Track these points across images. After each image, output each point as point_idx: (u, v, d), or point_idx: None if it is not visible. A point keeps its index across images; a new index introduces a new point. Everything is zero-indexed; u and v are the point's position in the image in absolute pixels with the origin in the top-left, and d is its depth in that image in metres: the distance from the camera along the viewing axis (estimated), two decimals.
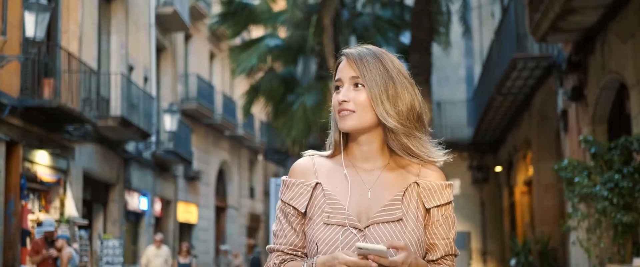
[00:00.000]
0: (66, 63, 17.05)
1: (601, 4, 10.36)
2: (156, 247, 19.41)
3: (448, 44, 20.38)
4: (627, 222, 8.22)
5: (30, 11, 14.13)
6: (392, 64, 2.46)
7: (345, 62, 2.49)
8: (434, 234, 2.50)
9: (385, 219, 2.44)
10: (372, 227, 2.43)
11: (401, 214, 2.45)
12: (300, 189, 2.54)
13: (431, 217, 2.50)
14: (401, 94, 2.43)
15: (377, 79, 2.42)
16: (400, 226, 2.44)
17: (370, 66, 2.43)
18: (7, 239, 14.86)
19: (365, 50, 2.48)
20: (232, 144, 34.43)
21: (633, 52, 9.78)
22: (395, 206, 2.46)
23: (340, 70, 2.49)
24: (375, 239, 2.41)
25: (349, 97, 2.43)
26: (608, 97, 11.56)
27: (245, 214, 36.58)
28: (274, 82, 20.66)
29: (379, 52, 2.48)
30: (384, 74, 2.43)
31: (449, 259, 2.52)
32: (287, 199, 2.55)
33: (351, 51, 2.49)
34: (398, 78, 2.44)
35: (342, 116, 2.45)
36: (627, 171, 8.38)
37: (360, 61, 2.44)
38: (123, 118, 19.62)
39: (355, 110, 2.43)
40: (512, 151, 20.87)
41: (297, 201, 2.53)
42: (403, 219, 2.45)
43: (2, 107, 14.74)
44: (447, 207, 2.52)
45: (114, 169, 21.52)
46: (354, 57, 2.46)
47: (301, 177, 2.56)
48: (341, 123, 2.46)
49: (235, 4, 20.58)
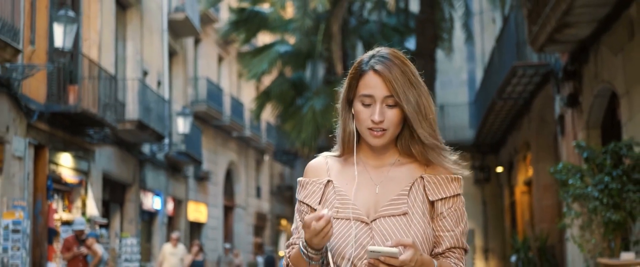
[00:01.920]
0: (87, 70, 17.91)
1: (594, 19, 11.19)
2: (173, 245, 19.68)
3: (451, 50, 21.18)
4: (616, 220, 9.05)
5: (59, 23, 14.99)
6: (413, 74, 2.48)
7: (376, 79, 2.46)
8: (439, 226, 2.53)
9: (391, 212, 2.48)
10: (378, 221, 2.47)
11: (406, 207, 2.49)
12: (314, 187, 2.60)
13: (436, 210, 2.53)
14: (427, 105, 2.48)
15: (410, 98, 2.44)
16: (406, 219, 2.47)
17: (401, 85, 2.44)
18: (35, 238, 15.69)
19: (391, 64, 2.47)
20: (239, 145, 35.24)
21: (623, 63, 10.62)
22: (401, 200, 2.50)
23: (369, 86, 2.47)
24: (381, 232, 2.45)
25: (384, 116, 2.46)
26: (601, 104, 12.39)
27: (252, 213, 37.34)
28: (284, 87, 21.50)
29: (402, 66, 2.47)
30: (413, 90, 2.45)
31: (456, 251, 2.54)
32: (302, 197, 2.61)
33: (380, 67, 2.46)
34: (419, 90, 2.47)
35: (374, 135, 2.48)
36: (616, 173, 9.21)
37: (393, 80, 2.44)
38: (140, 121, 20.47)
39: (388, 128, 2.47)
40: (512, 153, 21.54)
41: (310, 198, 2.59)
42: (409, 212, 2.48)
43: (30, 112, 15.61)
44: (454, 200, 2.55)
45: (130, 170, 22.36)
46: (385, 75, 2.45)
47: (314, 176, 2.62)
48: (372, 141, 2.49)
49: (247, 11, 21.43)
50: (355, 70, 2.52)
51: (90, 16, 19.04)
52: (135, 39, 22.94)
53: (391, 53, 2.50)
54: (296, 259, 2.51)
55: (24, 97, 15.37)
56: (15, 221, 14.12)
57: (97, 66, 18.39)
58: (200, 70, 30.48)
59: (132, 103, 21.23)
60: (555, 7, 11.05)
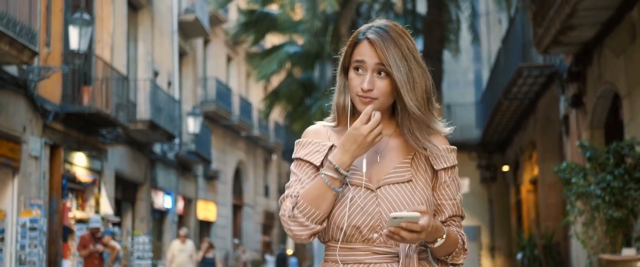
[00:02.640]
0: (100, 71, 18.26)
1: (597, 22, 11.50)
2: (181, 242, 19.77)
3: (457, 51, 21.47)
4: (617, 217, 9.37)
5: (74, 25, 15.35)
6: (408, 48, 2.49)
7: (368, 46, 2.49)
8: (441, 195, 2.59)
9: (395, 180, 2.52)
10: (383, 188, 2.51)
11: (410, 175, 2.53)
12: (317, 147, 2.58)
13: (439, 179, 2.59)
14: (417, 80, 2.48)
15: (400, 68, 2.45)
16: (410, 186, 2.52)
17: (393, 54, 2.45)
18: (50, 236, 16.03)
19: (385, 35, 2.48)
20: (248, 145, 35.60)
21: (625, 66, 10.92)
22: (405, 168, 2.54)
23: (362, 53, 2.50)
24: (387, 199, 2.49)
25: (374, 84, 2.48)
26: (604, 105, 12.69)
27: (260, 212, 37.70)
28: (293, 87, 21.83)
29: (396, 36, 2.49)
30: (404, 61, 2.46)
31: (456, 219, 2.61)
32: (302, 155, 2.59)
33: (374, 36, 2.49)
34: (413, 64, 2.48)
35: (363, 102, 2.50)
36: (618, 172, 9.51)
37: (385, 49, 2.45)
38: (151, 122, 20.83)
39: (378, 97, 2.49)
40: (518, 152, 21.81)
41: (313, 156, 2.57)
42: (412, 180, 2.53)
43: (46, 113, 15.96)
44: (453, 170, 2.61)
45: (141, 169, 22.71)
46: (378, 44, 2.47)
47: (316, 139, 2.61)
48: (361, 107, 2.51)
49: (257, 13, 21.77)
50: (352, 40, 2.56)
51: (103, 18, 19.39)
52: (146, 40, 23.29)
53: (389, 25, 2.53)
54: (313, 193, 2.45)
55: (40, 98, 15.72)
56: (32, 219, 14.47)
57: (109, 67, 18.73)
58: (209, 71, 30.84)
59: (143, 103, 21.57)
60: (559, 10, 11.35)
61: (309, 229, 2.46)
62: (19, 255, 14.45)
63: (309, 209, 2.45)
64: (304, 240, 2.49)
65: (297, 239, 2.49)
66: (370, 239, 2.48)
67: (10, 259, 14.47)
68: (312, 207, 2.44)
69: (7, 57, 13.27)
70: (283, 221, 2.49)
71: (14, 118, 14.62)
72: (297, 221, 2.46)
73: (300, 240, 2.49)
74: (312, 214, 2.45)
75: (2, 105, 14.14)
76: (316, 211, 2.45)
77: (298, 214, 2.45)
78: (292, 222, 2.46)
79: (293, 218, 2.46)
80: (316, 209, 2.45)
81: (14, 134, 14.59)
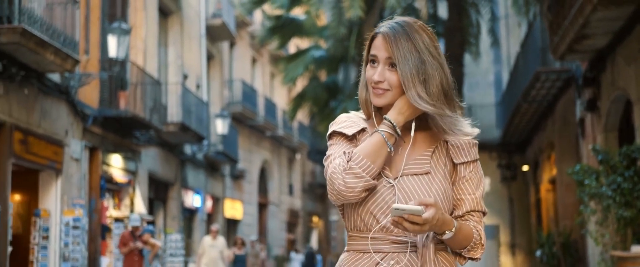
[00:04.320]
0: (134, 75, 19.08)
1: (609, 31, 12.15)
2: (212, 238, 19.76)
3: (478, 55, 22.11)
4: (627, 216, 10.07)
5: (113, 34, 16.16)
6: (423, 43, 2.51)
7: (381, 40, 2.56)
8: (461, 189, 2.62)
9: (414, 171, 2.56)
10: (402, 179, 2.54)
11: (429, 167, 2.57)
12: (349, 123, 2.65)
13: (458, 173, 2.62)
14: (432, 75, 2.49)
15: (409, 62, 2.48)
16: (428, 178, 2.55)
17: (403, 48, 2.49)
18: (90, 234, 16.86)
19: (399, 29, 2.53)
20: (272, 144, 36.37)
21: (635, 73, 11.59)
22: (424, 160, 2.58)
23: (376, 47, 2.57)
24: (404, 190, 2.53)
25: (384, 77, 2.53)
26: (618, 109, 13.34)
27: (285, 210, 38.43)
28: (318, 90, 22.58)
29: (411, 31, 2.52)
30: (416, 55, 2.49)
31: (475, 214, 2.62)
32: (337, 127, 2.65)
33: (386, 30, 2.55)
34: (429, 58, 2.50)
35: (376, 94, 2.57)
36: (628, 174, 10.21)
37: (395, 43, 2.50)
38: (182, 124, 21.65)
39: (390, 89, 2.55)
40: (537, 152, 22.35)
41: (346, 129, 2.62)
42: (431, 172, 2.56)
43: (86, 117, 16.79)
44: (474, 164, 2.63)
45: (172, 169, 23.54)
46: (389, 38, 2.52)
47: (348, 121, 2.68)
48: (374, 99, 2.59)
49: (283, 18, 22.54)
50: (371, 34, 2.64)
51: (136, 25, 20.20)
52: (176, 44, 24.10)
53: (407, 20, 2.57)
54: (370, 147, 2.51)
55: (80, 103, 16.55)
56: (75, 218, 15.33)
57: (143, 72, 19.54)
58: (235, 73, 31.61)
59: (174, 106, 22.38)
60: (574, 20, 12.01)
61: (364, 181, 2.48)
62: (63, 252, 15.29)
63: (364, 161, 2.48)
64: (356, 194, 2.49)
65: (350, 193, 2.49)
66: (388, 228, 2.53)
67: (54, 256, 15.30)
68: (368, 161, 2.48)
69: (52, 66, 14.09)
70: (334, 179, 2.50)
71: (57, 123, 15.46)
72: (353, 172, 2.47)
73: (352, 194, 2.49)
74: (367, 167, 2.48)
75: (46, 111, 14.98)
76: (371, 164, 2.48)
77: (354, 166, 2.47)
78: (348, 174, 2.47)
79: (349, 170, 2.47)
80: (371, 162, 2.48)
81: (57, 137, 15.43)
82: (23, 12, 13.11)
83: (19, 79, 13.70)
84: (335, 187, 2.48)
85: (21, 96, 14.01)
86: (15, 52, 13.13)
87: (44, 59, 13.52)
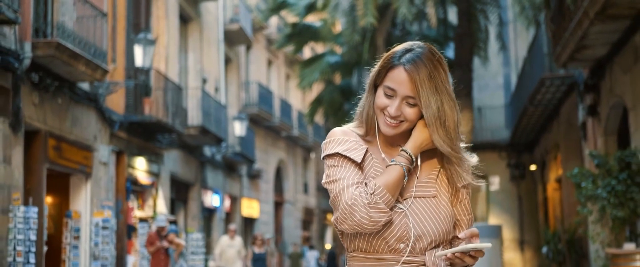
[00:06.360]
0: (157, 81, 19.98)
1: (607, 42, 12.95)
2: (230, 237, 20.18)
3: (486, 59, 22.88)
4: (621, 216, 10.90)
5: (139, 44, 17.07)
6: (441, 80, 2.50)
7: (404, 76, 2.50)
8: (461, 210, 2.65)
9: (422, 194, 2.56)
10: (410, 201, 2.54)
11: (435, 191, 2.58)
12: (354, 145, 2.58)
13: (460, 195, 2.65)
14: (449, 114, 2.51)
15: (432, 104, 2.48)
16: (435, 201, 2.57)
17: (427, 91, 2.47)
18: (117, 234, 17.75)
19: (422, 67, 2.48)
20: (288, 144, 37.21)
21: (631, 82, 12.39)
22: (430, 184, 2.59)
23: (395, 81, 2.51)
24: (415, 212, 2.53)
25: (400, 111, 2.52)
26: (616, 115, 14.14)
27: (300, 208, 39.24)
28: (334, 94, 23.47)
29: (431, 68, 2.49)
30: (437, 97, 2.49)
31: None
32: (342, 150, 2.57)
33: (410, 67, 2.49)
34: (446, 97, 2.51)
35: (388, 124, 2.55)
36: (622, 177, 11.04)
37: (420, 85, 2.47)
38: (203, 127, 22.55)
39: (404, 122, 2.54)
40: (544, 152, 23.02)
41: (353, 153, 2.56)
42: (437, 195, 2.58)
43: (113, 123, 17.70)
44: (469, 187, 2.67)
45: (193, 171, 24.44)
46: (414, 78, 2.48)
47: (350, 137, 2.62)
48: (386, 129, 2.57)
49: (299, 26, 23.45)
50: (387, 61, 2.56)
51: (159, 33, 21.10)
52: (195, 50, 25.00)
53: (426, 54, 2.52)
54: (393, 181, 2.51)
55: (108, 110, 17.45)
56: (104, 219, 16.24)
57: (165, 78, 20.43)
58: (251, 75, 32.42)
59: (194, 109, 23.27)
60: (574, 32, 12.81)
61: (387, 216, 2.48)
62: (93, 251, 16.20)
63: (387, 196, 2.47)
64: (378, 227, 2.49)
65: (372, 227, 2.48)
66: (397, 249, 2.53)
67: (85, 255, 16.21)
68: (389, 195, 2.48)
69: (83, 76, 15.02)
70: (355, 210, 2.47)
71: (87, 129, 16.38)
72: (378, 206, 2.46)
73: (375, 227, 2.49)
74: (390, 201, 2.49)
75: (77, 118, 15.90)
76: (392, 198, 2.49)
77: (379, 200, 2.46)
78: (373, 208, 2.46)
79: (374, 205, 2.46)
80: (392, 196, 2.49)
81: (86, 143, 16.34)
82: (57, 26, 14.02)
83: (53, 89, 14.61)
84: (355, 218, 2.46)
85: (55, 105, 14.92)
86: (49, 64, 14.04)
87: (76, 69, 14.43)
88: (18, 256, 12.93)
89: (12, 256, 12.87)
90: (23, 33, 13.46)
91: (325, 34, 22.65)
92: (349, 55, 22.23)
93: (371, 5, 19.23)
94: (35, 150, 14.42)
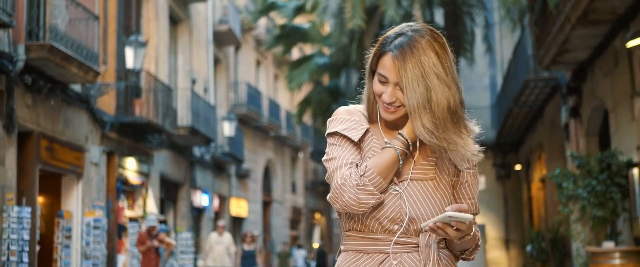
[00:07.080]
0: (147, 83, 20.22)
1: (589, 46, 13.27)
2: (218, 234, 19.99)
3: (473, 61, 23.21)
4: (600, 216, 11.23)
5: (130, 46, 17.31)
6: (431, 64, 2.44)
7: (391, 64, 2.48)
8: (462, 194, 2.63)
9: (420, 177, 2.55)
10: (407, 183, 2.54)
11: (434, 174, 2.56)
12: (354, 124, 2.59)
13: (461, 178, 2.62)
14: (437, 100, 2.44)
15: (416, 91, 2.43)
16: (433, 184, 2.55)
17: (410, 76, 2.43)
18: (108, 233, 17.98)
19: (409, 52, 2.45)
20: (276, 144, 37.45)
21: (610, 85, 12.72)
22: (430, 167, 2.56)
23: (385, 67, 2.50)
24: (410, 194, 2.52)
25: (395, 97, 2.50)
26: (598, 117, 14.47)
27: (288, 208, 39.51)
28: (322, 95, 23.77)
29: (421, 54, 2.44)
30: (423, 83, 2.43)
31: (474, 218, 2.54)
32: (341, 129, 2.58)
33: (397, 55, 2.46)
34: (435, 81, 2.43)
35: (386, 110, 2.54)
36: (601, 178, 11.37)
37: (404, 69, 2.44)
38: (192, 127, 22.81)
39: (402, 105, 2.51)
40: (529, 152, 23.35)
41: (352, 132, 2.56)
42: (436, 179, 2.56)
43: (104, 124, 17.94)
44: (474, 170, 2.64)
45: (182, 171, 24.69)
46: (399, 63, 2.45)
47: (353, 116, 2.62)
48: (386, 115, 2.56)
49: (288, 28, 23.73)
50: (379, 47, 2.55)
51: (149, 34, 21.35)
52: (185, 51, 25.24)
53: (416, 38, 2.47)
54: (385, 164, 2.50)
55: (99, 111, 17.69)
56: (95, 219, 16.49)
57: (155, 79, 20.67)
58: (240, 75, 32.66)
59: (184, 110, 23.52)
60: (556, 36, 13.13)
61: (376, 198, 2.48)
62: (84, 251, 16.44)
63: (378, 179, 2.47)
64: (366, 209, 2.49)
65: (360, 208, 2.48)
66: (391, 230, 2.53)
67: (76, 254, 16.46)
68: (381, 178, 2.47)
69: (75, 78, 15.26)
70: (343, 190, 2.47)
71: (79, 130, 16.62)
72: (366, 189, 2.46)
73: (362, 209, 2.49)
74: (380, 184, 2.48)
75: (69, 119, 16.14)
76: (383, 181, 2.48)
77: (368, 182, 2.46)
78: (361, 190, 2.46)
79: (362, 186, 2.46)
80: (383, 179, 2.48)
81: (78, 143, 16.58)
82: (50, 28, 14.27)
83: (45, 91, 14.85)
84: (344, 199, 2.47)
85: (47, 107, 15.16)
86: (42, 66, 14.28)
87: (69, 71, 14.68)
88: (12, 256, 13.18)
89: (5, 255, 13.12)
90: (17, 36, 13.70)
91: (313, 36, 22.96)
92: (337, 56, 22.53)
93: (359, 8, 19.52)
94: (28, 151, 14.66)
